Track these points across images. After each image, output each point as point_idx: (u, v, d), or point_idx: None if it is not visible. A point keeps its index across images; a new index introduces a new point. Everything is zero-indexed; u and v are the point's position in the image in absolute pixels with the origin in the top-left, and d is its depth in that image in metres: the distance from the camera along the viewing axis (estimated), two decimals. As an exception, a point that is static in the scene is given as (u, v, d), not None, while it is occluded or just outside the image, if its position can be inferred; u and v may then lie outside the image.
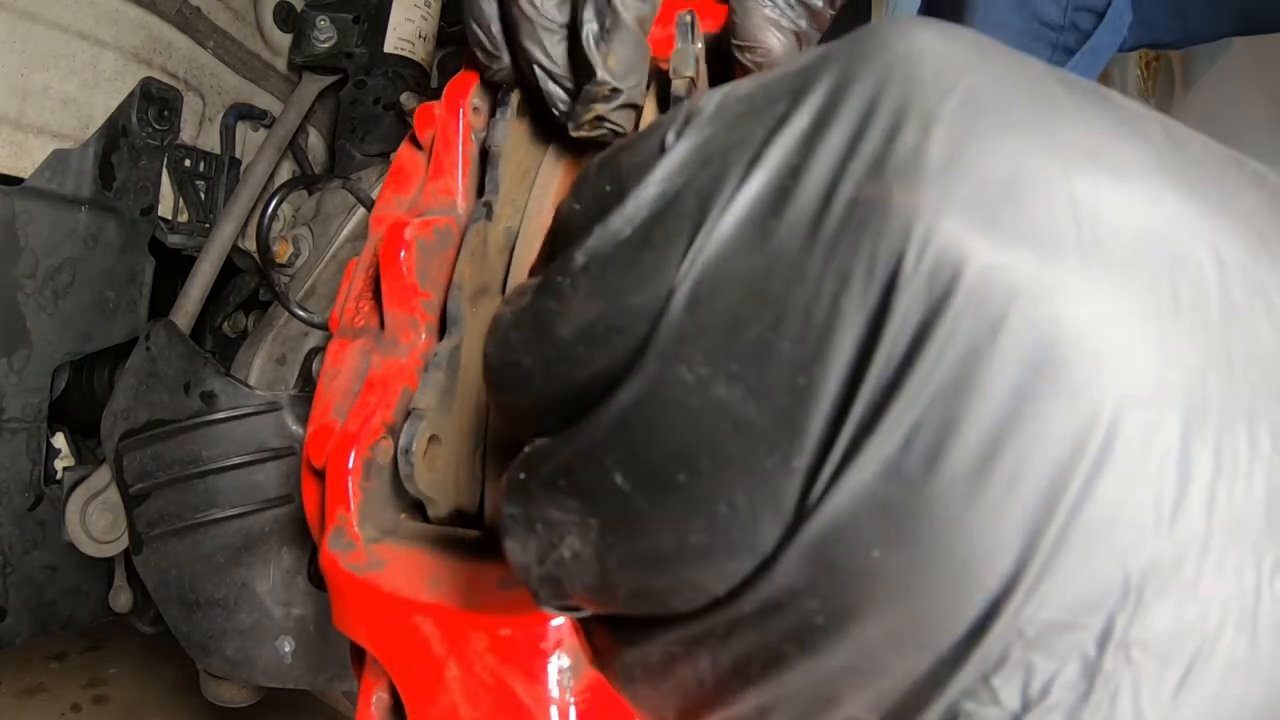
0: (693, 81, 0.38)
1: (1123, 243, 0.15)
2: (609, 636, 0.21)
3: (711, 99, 0.19)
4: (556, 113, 0.39)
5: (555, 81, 0.38)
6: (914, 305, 0.15)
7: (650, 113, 0.39)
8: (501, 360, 0.20)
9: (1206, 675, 0.16)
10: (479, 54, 0.41)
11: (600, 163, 0.21)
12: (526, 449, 0.20)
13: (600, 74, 0.36)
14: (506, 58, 0.40)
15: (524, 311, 0.20)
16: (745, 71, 0.41)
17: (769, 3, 0.39)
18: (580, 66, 0.37)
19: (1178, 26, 0.82)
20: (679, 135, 0.18)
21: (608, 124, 0.37)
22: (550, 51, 0.37)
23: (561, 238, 0.22)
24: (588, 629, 0.22)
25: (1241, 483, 0.16)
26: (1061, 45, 0.79)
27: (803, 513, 0.15)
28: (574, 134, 0.38)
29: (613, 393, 0.17)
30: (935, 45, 0.16)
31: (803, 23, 0.39)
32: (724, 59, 0.41)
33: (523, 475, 0.19)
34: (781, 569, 0.16)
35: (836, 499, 0.15)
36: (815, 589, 0.16)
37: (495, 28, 0.39)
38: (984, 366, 0.14)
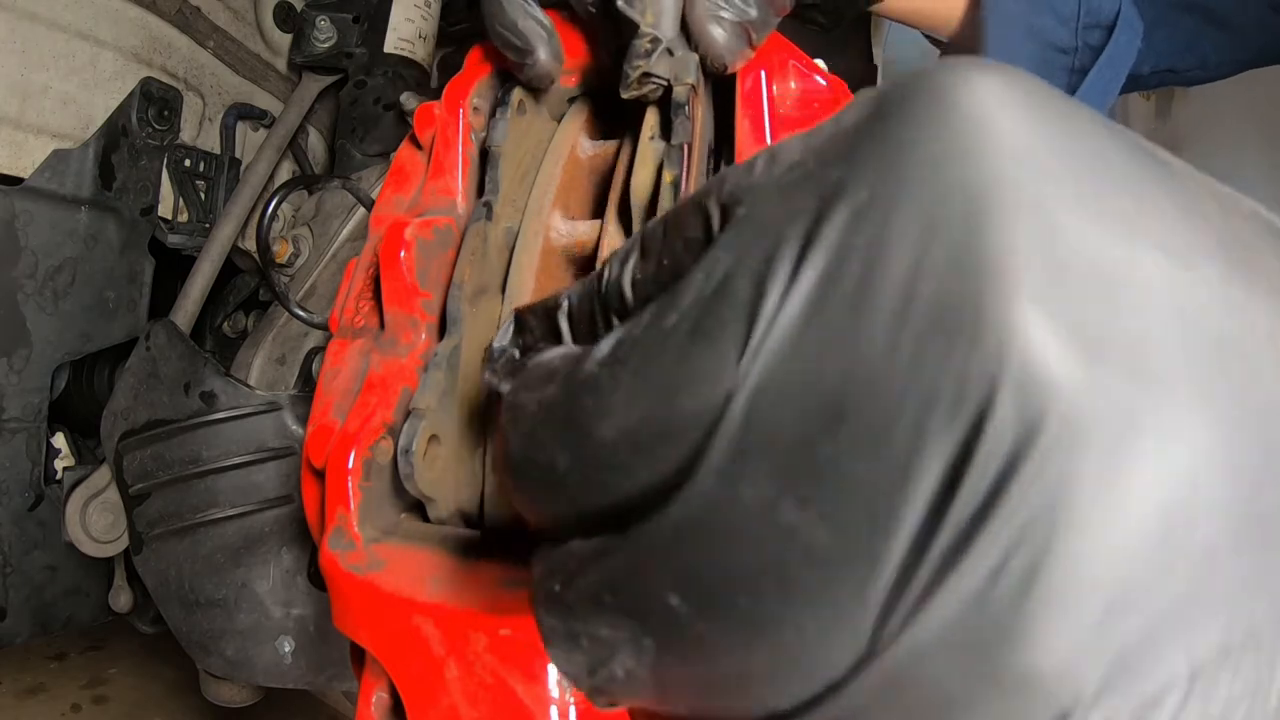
0: (694, 88, 0.38)
1: (1198, 355, 0.14)
2: None
3: (758, 160, 0.17)
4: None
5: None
6: (1006, 431, 0.13)
7: (652, 122, 0.39)
8: (528, 457, 0.18)
9: None
10: (509, 55, 0.41)
11: (644, 233, 0.19)
12: (556, 553, 0.18)
13: (642, 27, 0.37)
14: (541, 53, 0.40)
15: (555, 406, 0.18)
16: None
17: None
18: (623, 27, 0.38)
19: (1192, 57, 0.82)
20: (731, 202, 0.16)
21: (654, 79, 0.38)
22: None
23: (612, 296, 0.20)
24: None
25: None
26: (1077, 68, 0.79)
27: (878, 641, 0.14)
28: (625, 95, 0.39)
29: (663, 505, 0.15)
30: (1003, 102, 0.15)
31: (752, 11, 0.38)
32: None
33: (558, 588, 0.17)
34: (852, 693, 0.15)
35: (916, 632, 0.14)
36: (888, 713, 0.15)
37: (523, 25, 0.40)
38: (1076, 497, 0.13)
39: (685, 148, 0.37)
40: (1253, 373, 0.14)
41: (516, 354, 0.23)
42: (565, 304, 0.22)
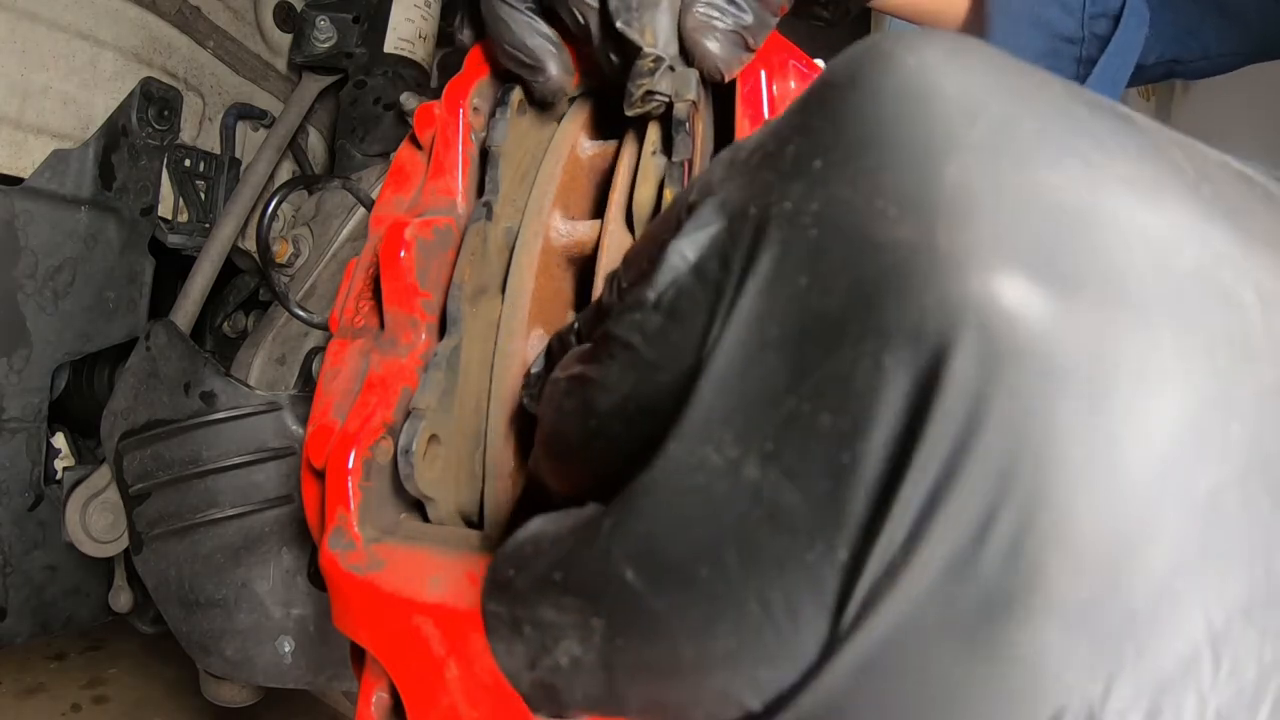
0: (694, 105, 0.38)
1: (1176, 287, 0.13)
2: None
3: (724, 154, 0.18)
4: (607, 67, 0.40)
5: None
6: (969, 369, 0.12)
7: (654, 138, 0.39)
8: (557, 430, 0.19)
9: None
10: (521, 72, 0.41)
11: (639, 243, 0.20)
12: (517, 535, 0.18)
13: (644, 49, 0.37)
14: (552, 69, 0.40)
15: (574, 379, 0.18)
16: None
17: (702, 5, 0.37)
18: (626, 49, 0.38)
19: (1195, 45, 0.82)
20: (700, 196, 0.17)
21: (658, 96, 0.38)
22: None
23: (609, 306, 0.20)
24: None
25: None
26: (1085, 58, 0.79)
27: (850, 617, 0.13)
28: (629, 113, 0.39)
29: (631, 476, 0.15)
30: (949, 62, 0.15)
31: (747, 17, 0.38)
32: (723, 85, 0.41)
33: (511, 572, 0.17)
34: (825, 682, 0.14)
35: (892, 604, 0.13)
36: (869, 703, 0.14)
37: (531, 43, 0.40)
38: (1059, 441, 0.12)
39: (686, 164, 0.37)
40: (1234, 307, 0.14)
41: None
42: (575, 324, 0.23)
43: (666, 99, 0.38)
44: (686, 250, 0.16)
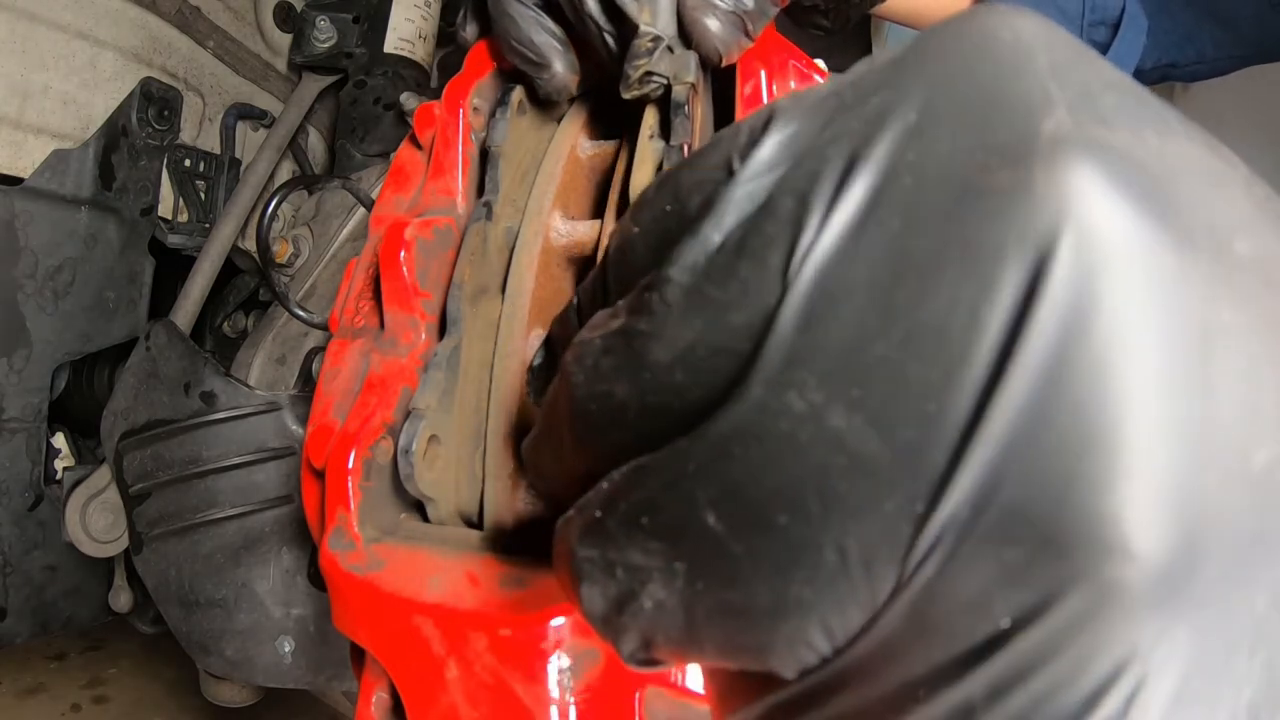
0: (693, 88, 0.38)
1: (1233, 267, 0.14)
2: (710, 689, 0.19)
3: (789, 98, 0.17)
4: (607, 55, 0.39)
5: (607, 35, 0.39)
6: (1062, 305, 0.13)
7: (651, 121, 0.39)
8: (591, 391, 0.18)
9: None
10: (526, 69, 0.41)
11: (659, 182, 0.19)
12: (603, 482, 0.17)
13: (642, 27, 0.36)
14: (557, 66, 0.40)
15: (615, 335, 0.18)
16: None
17: None
18: (624, 29, 0.38)
19: (1191, 50, 0.82)
20: (764, 131, 0.17)
21: (655, 78, 0.38)
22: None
23: (620, 266, 0.20)
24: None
25: None
26: None
27: (914, 563, 0.14)
28: (626, 95, 0.39)
29: (709, 420, 0.15)
30: (1040, 35, 0.15)
31: (748, 1, 0.38)
32: (721, 70, 0.41)
33: (599, 514, 0.17)
34: (885, 623, 0.14)
35: (956, 554, 0.13)
36: (920, 645, 0.14)
37: (538, 40, 0.40)
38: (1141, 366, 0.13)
39: (684, 147, 0.37)
40: None
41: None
42: (575, 301, 0.22)
43: (664, 81, 0.38)
44: (751, 181, 0.16)
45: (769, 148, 0.16)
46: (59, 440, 0.92)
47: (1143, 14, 0.78)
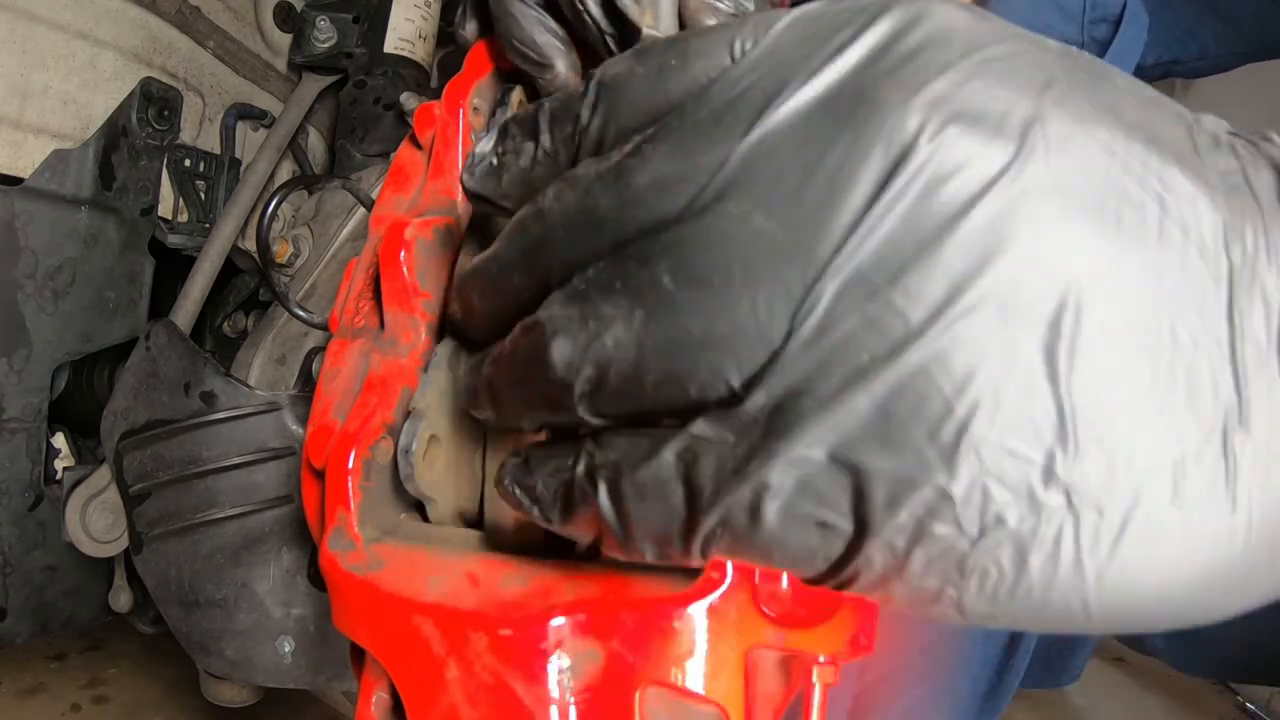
0: None
1: (1080, 170, 0.20)
2: (616, 449, 0.24)
3: (783, 17, 0.23)
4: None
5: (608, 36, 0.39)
6: (914, 176, 0.20)
7: None
8: (581, 206, 0.24)
9: (1140, 535, 0.19)
10: (528, 68, 0.41)
11: (670, 40, 0.25)
12: (589, 270, 0.24)
13: (645, 31, 0.37)
14: (559, 65, 0.41)
15: (610, 167, 0.24)
16: None
17: None
18: (625, 32, 0.38)
19: (1194, 46, 0.82)
20: (754, 43, 0.23)
21: None
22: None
23: (616, 91, 0.26)
24: (590, 458, 0.25)
25: (1178, 364, 0.19)
26: None
27: (802, 318, 0.20)
28: None
29: (673, 222, 0.22)
30: (965, 18, 0.22)
31: (749, 4, 0.38)
32: None
33: (583, 286, 0.24)
34: (785, 362, 0.20)
35: (830, 299, 0.20)
36: (815, 379, 0.20)
37: (540, 39, 0.40)
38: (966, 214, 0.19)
39: None
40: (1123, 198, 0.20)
41: (494, 161, 0.29)
42: (546, 106, 0.28)
43: None
44: (737, 78, 0.23)
45: (755, 55, 0.23)
46: (59, 440, 0.92)
47: (1144, 10, 0.78)
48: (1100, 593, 0.20)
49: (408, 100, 0.88)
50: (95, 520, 0.87)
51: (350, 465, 0.34)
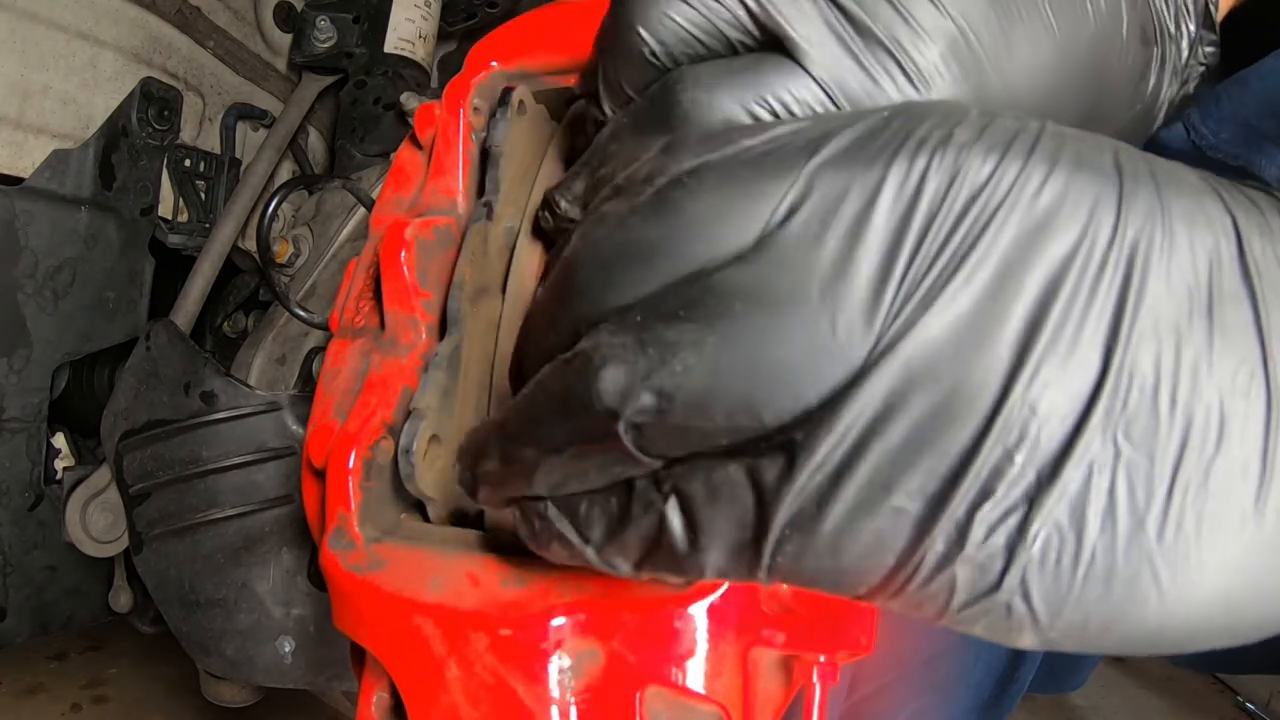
0: None
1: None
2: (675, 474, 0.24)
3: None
4: None
5: None
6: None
7: None
8: (625, 239, 0.24)
9: (1202, 485, 0.19)
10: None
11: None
12: (635, 302, 0.23)
13: None
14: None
15: (652, 199, 0.24)
16: None
17: None
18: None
19: None
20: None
21: None
22: None
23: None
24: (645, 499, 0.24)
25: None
26: None
27: (888, 339, 0.20)
28: None
29: (739, 258, 0.22)
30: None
31: None
32: None
33: (639, 318, 0.23)
34: (873, 382, 0.20)
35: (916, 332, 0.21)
36: (906, 397, 0.20)
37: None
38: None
39: None
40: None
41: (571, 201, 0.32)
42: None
43: None
44: (774, 129, 0.24)
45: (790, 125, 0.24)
46: (59, 440, 0.92)
47: None
48: (1164, 555, 0.20)
49: (408, 100, 0.88)
50: (95, 520, 0.87)
51: (351, 465, 0.34)
